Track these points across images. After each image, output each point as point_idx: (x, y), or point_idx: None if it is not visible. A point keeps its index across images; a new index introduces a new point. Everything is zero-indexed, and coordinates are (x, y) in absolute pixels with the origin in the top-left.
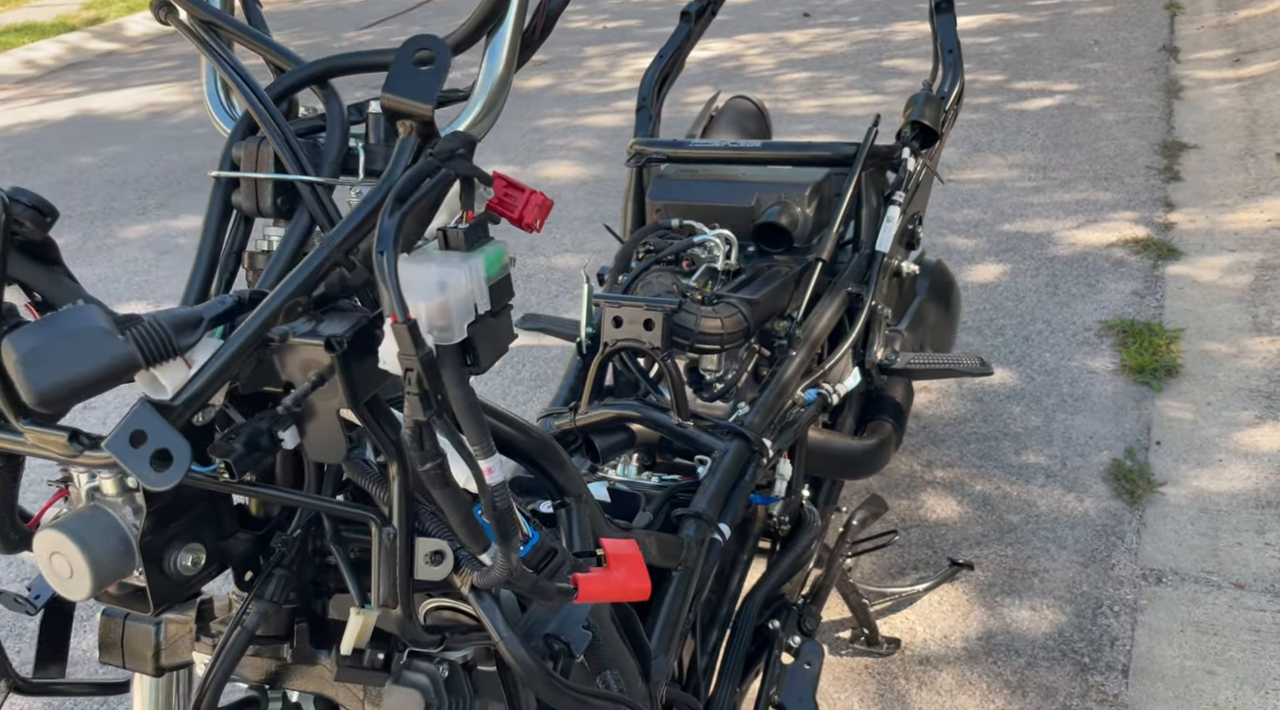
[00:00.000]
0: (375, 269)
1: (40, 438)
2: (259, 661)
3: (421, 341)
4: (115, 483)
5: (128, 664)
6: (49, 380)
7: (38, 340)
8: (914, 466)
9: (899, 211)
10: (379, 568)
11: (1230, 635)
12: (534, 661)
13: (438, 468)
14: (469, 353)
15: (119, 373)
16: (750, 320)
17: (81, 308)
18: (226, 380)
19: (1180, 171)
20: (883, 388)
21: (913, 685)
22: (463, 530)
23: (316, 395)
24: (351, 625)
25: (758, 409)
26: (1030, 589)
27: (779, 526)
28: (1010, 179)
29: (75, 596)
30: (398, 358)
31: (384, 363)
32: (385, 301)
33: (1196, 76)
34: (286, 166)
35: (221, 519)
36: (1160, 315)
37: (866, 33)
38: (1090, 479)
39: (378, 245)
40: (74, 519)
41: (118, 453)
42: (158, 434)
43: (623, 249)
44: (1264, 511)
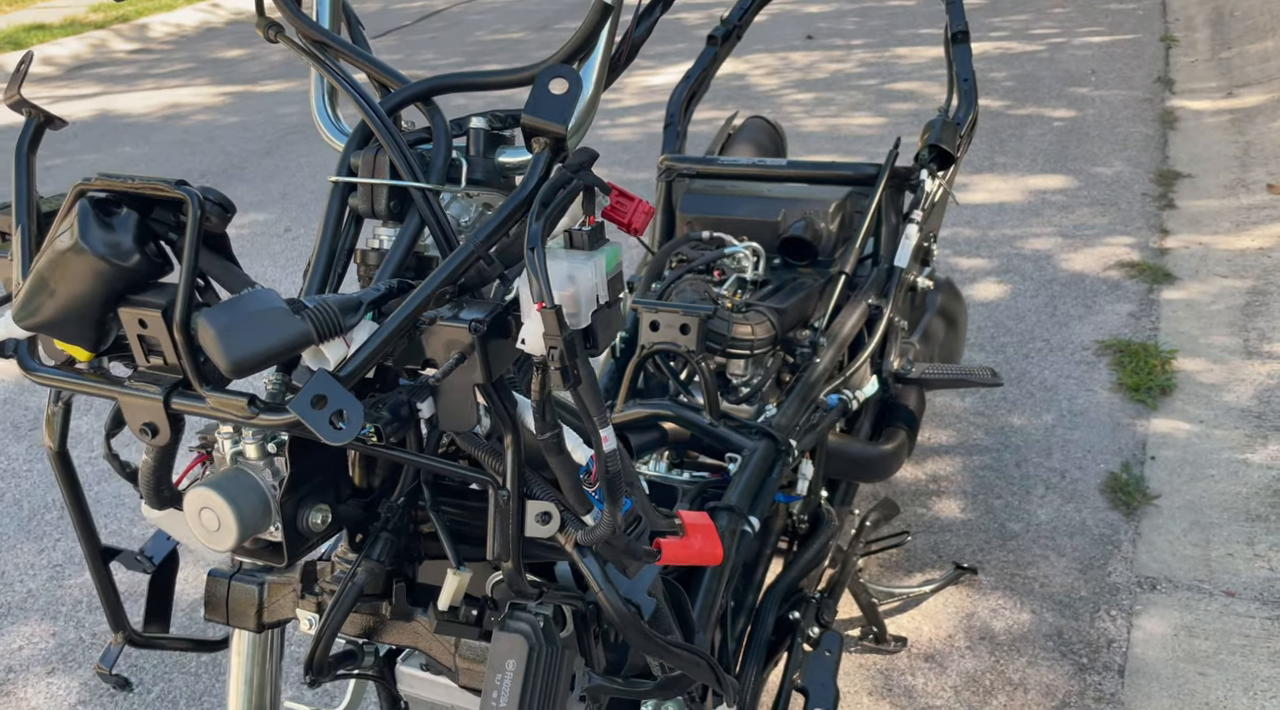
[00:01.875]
0: (527, 262)
1: (221, 402)
2: (359, 617)
3: (565, 324)
4: (257, 448)
5: (231, 621)
6: (241, 351)
7: (230, 317)
8: (919, 476)
9: (916, 229)
10: (494, 526)
11: (1221, 640)
12: (628, 610)
13: (556, 437)
14: (589, 337)
15: (297, 346)
16: (778, 327)
17: (262, 291)
18: (383, 355)
19: (1175, 199)
20: (898, 396)
21: (919, 681)
22: (572, 493)
23: (456, 372)
24: (448, 585)
25: (784, 411)
26: (1031, 593)
27: (798, 524)
28: (1010, 202)
29: (220, 547)
30: (542, 338)
31: (525, 344)
32: (534, 290)
33: (1191, 108)
34: (401, 173)
35: (340, 486)
36: (1155, 336)
37: (869, 55)
38: (1088, 490)
39: (529, 243)
40: (222, 478)
41: (302, 413)
42: (336, 398)
43: (655, 258)
44: (1254, 524)
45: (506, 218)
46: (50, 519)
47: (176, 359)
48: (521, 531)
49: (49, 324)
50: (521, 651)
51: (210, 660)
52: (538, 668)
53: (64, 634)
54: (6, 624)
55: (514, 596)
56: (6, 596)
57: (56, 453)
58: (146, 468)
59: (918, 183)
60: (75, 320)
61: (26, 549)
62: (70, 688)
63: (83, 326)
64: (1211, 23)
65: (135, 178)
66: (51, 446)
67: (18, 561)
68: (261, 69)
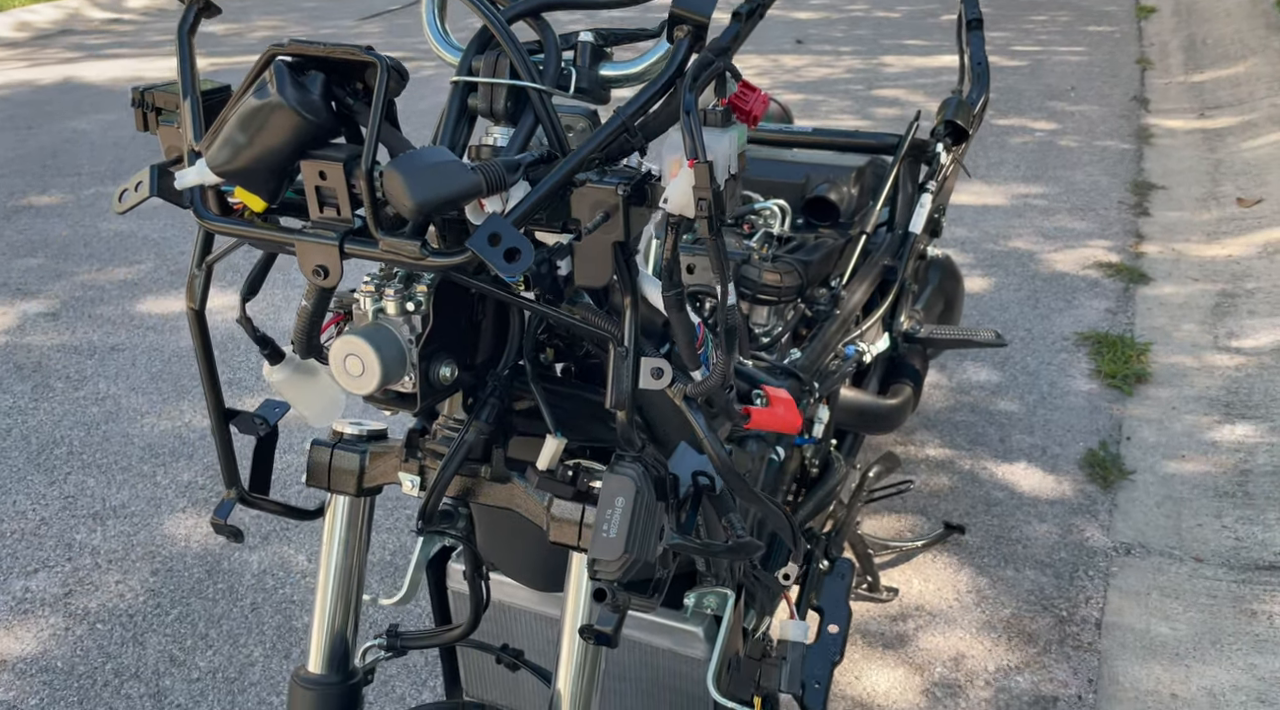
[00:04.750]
0: (682, 124)
1: (393, 245)
2: (459, 480)
3: (714, 178)
4: (396, 306)
5: (332, 486)
6: (425, 194)
7: (414, 165)
8: (909, 447)
9: (930, 198)
10: (613, 379)
11: (1190, 599)
12: (727, 456)
13: (678, 295)
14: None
15: (470, 195)
16: (804, 279)
17: (437, 148)
18: (540, 210)
19: (1149, 208)
20: (905, 355)
21: (910, 627)
22: (686, 349)
23: (597, 231)
24: (547, 446)
25: (806, 355)
26: (1014, 554)
27: (810, 467)
28: (994, 204)
29: (362, 391)
30: (691, 192)
31: (668, 204)
32: (687, 148)
33: (1165, 126)
34: (520, 76)
35: (462, 350)
36: (1131, 330)
37: (857, 62)
38: (1068, 465)
39: (684, 107)
40: (367, 328)
41: (479, 249)
42: (509, 237)
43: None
44: (1221, 500)
45: (652, 95)
46: (60, 454)
47: (350, 210)
48: (636, 383)
49: (241, 171)
50: (629, 491)
51: (227, 589)
52: (640, 508)
53: (78, 559)
54: (21, 549)
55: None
56: (20, 524)
57: (196, 313)
58: (304, 313)
59: (933, 155)
60: (264, 169)
61: (38, 481)
62: (89, 607)
63: (268, 176)
64: (1185, 48)
65: (325, 43)
66: (192, 306)
67: (29, 492)
68: (245, 46)
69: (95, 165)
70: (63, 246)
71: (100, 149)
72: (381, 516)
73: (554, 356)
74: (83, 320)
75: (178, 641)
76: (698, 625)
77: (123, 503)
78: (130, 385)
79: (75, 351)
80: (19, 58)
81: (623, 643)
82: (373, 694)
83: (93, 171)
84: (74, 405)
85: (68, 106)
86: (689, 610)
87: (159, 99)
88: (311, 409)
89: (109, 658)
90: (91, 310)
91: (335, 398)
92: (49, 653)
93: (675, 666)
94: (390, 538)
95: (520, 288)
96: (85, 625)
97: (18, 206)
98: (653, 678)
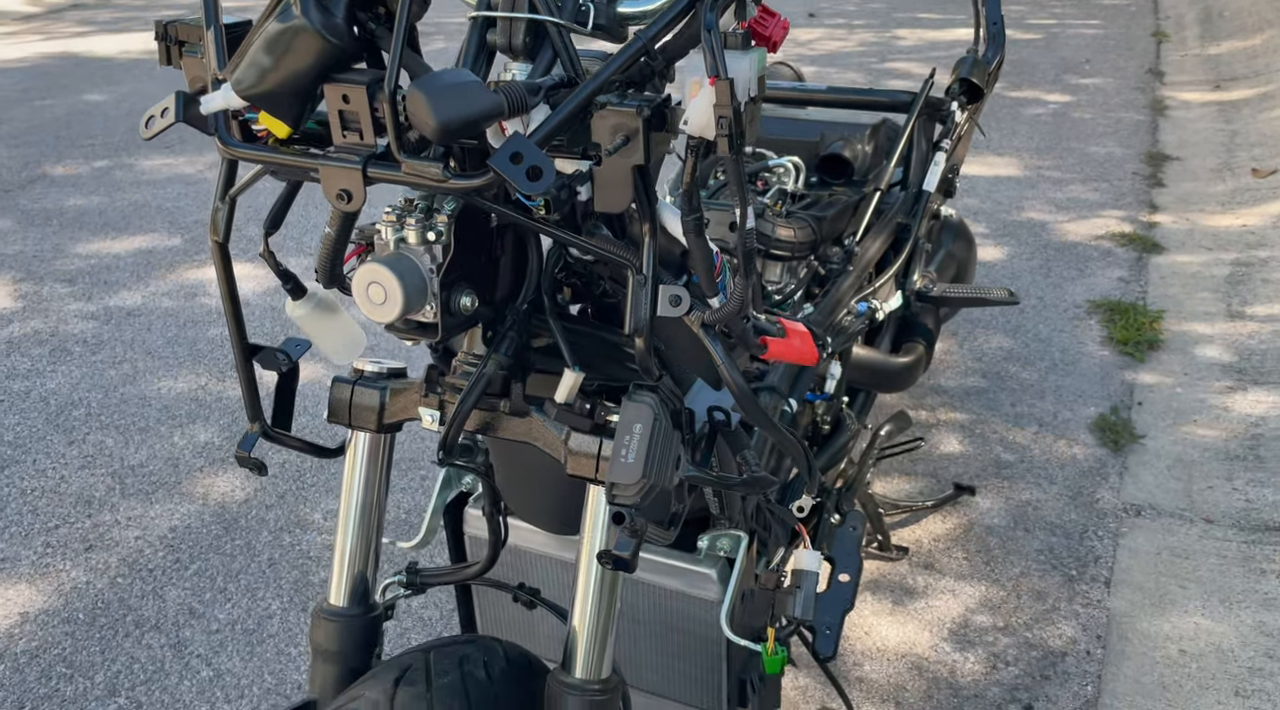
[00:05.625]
0: (703, 41)
1: (416, 168)
2: (478, 414)
3: (735, 96)
4: (418, 235)
5: (353, 423)
6: (448, 114)
7: (436, 86)
8: (920, 412)
9: (944, 157)
10: (631, 306)
11: (1200, 559)
12: (745, 384)
13: (698, 220)
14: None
15: (492, 116)
16: (817, 235)
17: (459, 69)
18: (560, 133)
19: (1164, 179)
20: (917, 314)
21: (919, 584)
22: (705, 276)
23: (617, 155)
24: (565, 380)
25: (820, 310)
26: (1024, 516)
27: (822, 423)
28: (1007, 175)
29: (384, 319)
30: (712, 111)
31: (688, 126)
32: (708, 65)
33: (1180, 98)
34: (539, 11)
35: (482, 280)
36: (1144, 298)
37: (870, 35)
38: (1078, 430)
39: (705, 25)
40: (389, 257)
41: (501, 168)
42: (530, 155)
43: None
44: (1232, 463)
45: (673, 18)
46: (78, 415)
47: (372, 135)
48: (654, 310)
49: (266, 95)
50: (647, 418)
51: (245, 545)
52: (657, 435)
53: (98, 516)
54: (42, 506)
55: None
56: (40, 482)
57: (219, 246)
58: (328, 240)
59: (948, 113)
60: (288, 93)
61: (57, 441)
62: (109, 562)
63: (293, 100)
64: (1201, 20)
65: None
66: (216, 239)
67: (48, 451)
68: None
69: (109, 136)
70: (78, 215)
71: (113, 120)
72: (396, 477)
73: (571, 296)
74: (99, 287)
75: (197, 595)
76: (711, 567)
77: (141, 462)
78: (146, 349)
79: (92, 317)
80: (32, 31)
81: (637, 586)
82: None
83: (106, 142)
84: (91, 369)
85: (81, 79)
86: (702, 552)
87: (182, 32)
88: (332, 347)
89: (129, 610)
90: (107, 277)
91: (356, 336)
92: (71, 605)
93: (689, 609)
94: (405, 498)
95: (540, 212)
96: (106, 579)
97: (33, 176)
98: (666, 620)
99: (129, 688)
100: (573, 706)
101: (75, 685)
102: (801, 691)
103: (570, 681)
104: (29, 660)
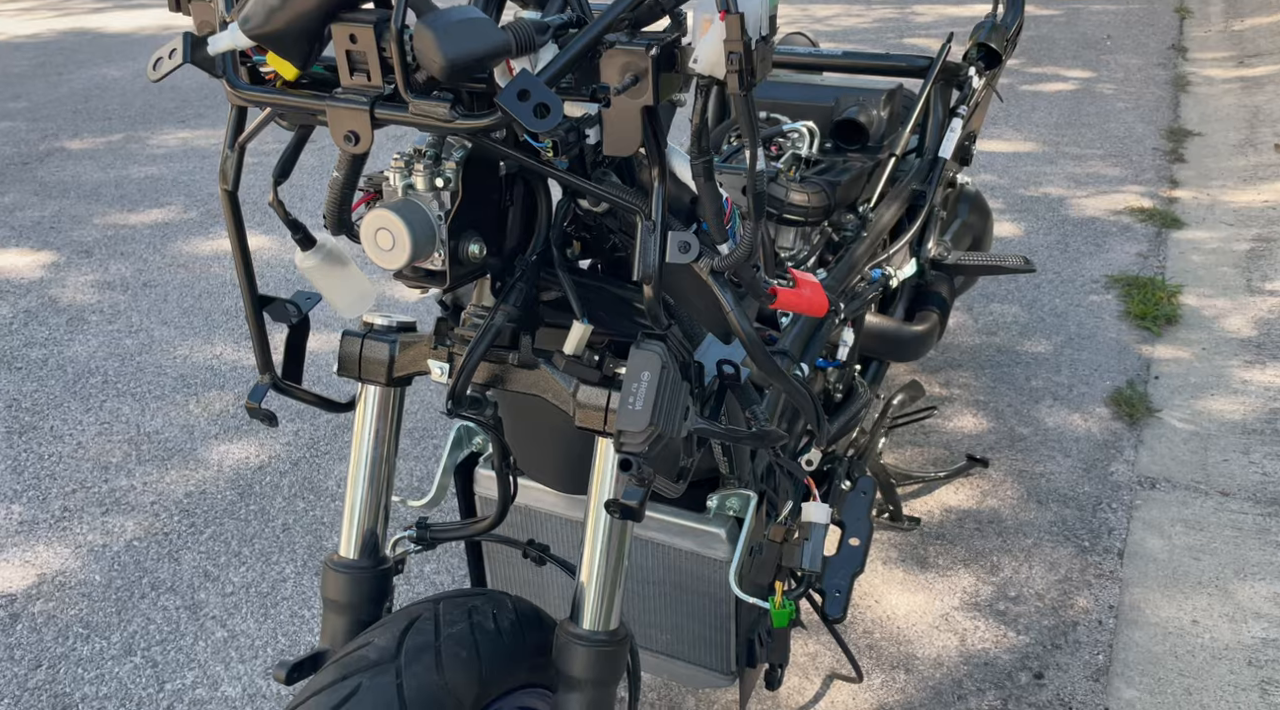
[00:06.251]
0: None
1: (423, 109)
2: (487, 366)
3: (746, 30)
4: (426, 181)
5: (363, 376)
6: (456, 50)
7: (443, 22)
8: (934, 384)
9: (961, 123)
10: (639, 252)
11: (1215, 531)
12: (756, 335)
13: (707, 163)
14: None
15: (500, 53)
16: (831, 200)
17: (466, 6)
18: (569, 72)
19: (1184, 154)
20: (931, 283)
21: (930, 553)
22: (714, 219)
23: (626, 95)
24: (574, 332)
25: (833, 275)
26: (1037, 488)
27: (834, 391)
28: (1025, 151)
29: (392, 266)
30: (722, 46)
31: (698, 65)
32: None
33: (1203, 74)
34: None
35: (490, 229)
36: (1163, 273)
37: (888, 10)
38: (1093, 403)
39: None
40: (397, 203)
41: (508, 105)
42: (538, 92)
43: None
44: (1249, 437)
45: None
46: (95, 383)
47: (380, 76)
48: (663, 256)
49: (273, 35)
50: (655, 365)
51: (259, 511)
52: (665, 383)
53: (114, 481)
54: (60, 470)
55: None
56: (58, 448)
57: (229, 193)
58: (335, 184)
59: (965, 79)
60: (296, 32)
61: (74, 407)
62: (125, 526)
63: (300, 39)
64: None
65: None
66: (225, 187)
67: (65, 417)
68: None
69: (125, 110)
70: (94, 188)
71: (129, 95)
72: (409, 445)
73: (581, 251)
74: (115, 258)
75: (212, 558)
76: (720, 527)
77: (157, 429)
78: (162, 319)
79: (108, 287)
80: (48, 7)
81: (646, 546)
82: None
83: (123, 116)
84: (108, 338)
85: (97, 54)
86: (712, 512)
87: None
88: (342, 300)
89: (145, 572)
90: (123, 248)
91: (365, 289)
92: (87, 567)
93: (698, 569)
94: (418, 465)
95: (548, 155)
96: (122, 542)
97: (50, 149)
98: (676, 581)
99: (145, 647)
100: (580, 656)
101: (92, 645)
102: (811, 658)
103: (578, 632)
104: (46, 621)
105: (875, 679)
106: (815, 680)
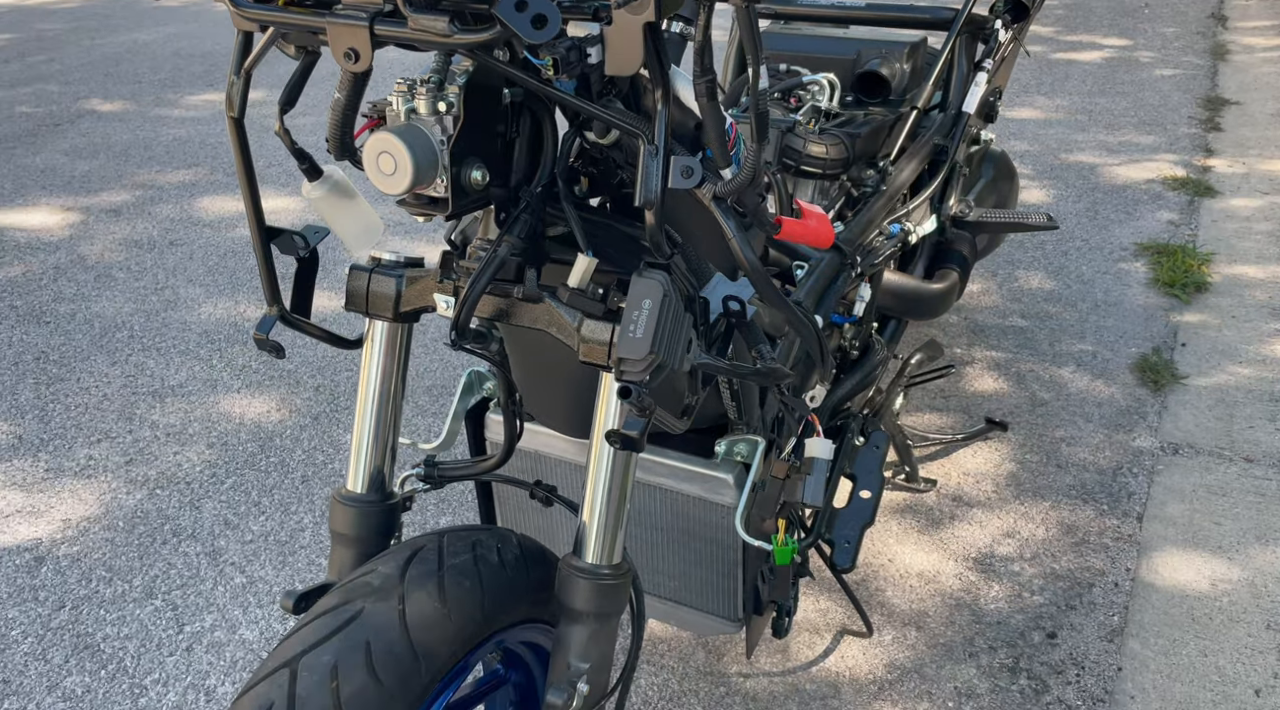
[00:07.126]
0: None
1: (422, 23)
2: (492, 300)
3: None
4: (428, 105)
5: (370, 311)
6: None
7: None
8: (955, 349)
9: (986, 78)
10: (642, 177)
11: (1237, 497)
12: (759, 263)
13: (710, 83)
14: None
15: None
16: (850, 153)
17: None
18: None
19: (1221, 123)
20: (952, 241)
21: (946, 515)
22: (717, 142)
23: (627, 10)
24: (579, 265)
25: (851, 229)
26: (1058, 452)
27: (850, 348)
28: (1057, 118)
29: (394, 191)
30: None
31: None
32: None
33: (1243, 43)
34: None
35: (495, 157)
36: (1194, 241)
37: None
38: (1118, 370)
39: None
40: (400, 127)
41: (505, 16)
42: (535, 3)
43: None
44: (1276, 404)
45: None
46: (121, 338)
47: None
48: (666, 181)
49: None
50: (656, 294)
51: (279, 462)
52: (666, 312)
53: (138, 432)
54: (85, 421)
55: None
56: (84, 399)
57: (235, 120)
58: (337, 106)
59: (991, 32)
60: None
61: (100, 360)
62: (148, 475)
63: None
64: None
65: None
66: (232, 114)
67: (93, 370)
68: None
69: (154, 74)
70: (123, 149)
71: (160, 59)
72: (427, 401)
73: (589, 188)
74: (142, 217)
75: (232, 507)
76: (728, 472)
77: (180, 383)
78: (188, 277)
79: (135, 246)
80: None
81: (654, 492)
82: None
83: (153, 79)
84: (134, 294)
85: (130, 19)
86: (719, 457)
87: None
88: (349, 233)
89: (167, 520)
90: (151, 208)
91: (373, 223)
92: (110, 513)
93: (706, 515)
94: (435, 422)
95: (550, 73)
96: (145, 490)
97: (81, 111)
98: (684, 527)
99: (165, 591)
100: (583, 590)
101: (114, 588)
102: (823, 614)
103: (581, 566)
104: (70, 563)
105: (886, 635)
106: (825, 636)
